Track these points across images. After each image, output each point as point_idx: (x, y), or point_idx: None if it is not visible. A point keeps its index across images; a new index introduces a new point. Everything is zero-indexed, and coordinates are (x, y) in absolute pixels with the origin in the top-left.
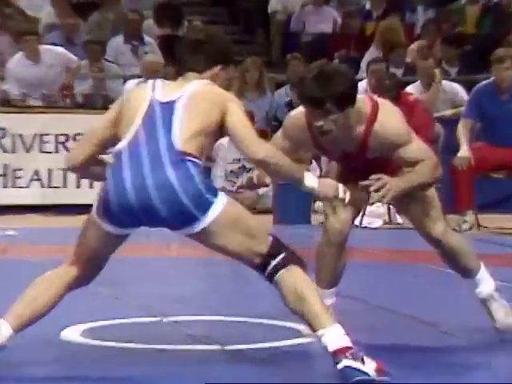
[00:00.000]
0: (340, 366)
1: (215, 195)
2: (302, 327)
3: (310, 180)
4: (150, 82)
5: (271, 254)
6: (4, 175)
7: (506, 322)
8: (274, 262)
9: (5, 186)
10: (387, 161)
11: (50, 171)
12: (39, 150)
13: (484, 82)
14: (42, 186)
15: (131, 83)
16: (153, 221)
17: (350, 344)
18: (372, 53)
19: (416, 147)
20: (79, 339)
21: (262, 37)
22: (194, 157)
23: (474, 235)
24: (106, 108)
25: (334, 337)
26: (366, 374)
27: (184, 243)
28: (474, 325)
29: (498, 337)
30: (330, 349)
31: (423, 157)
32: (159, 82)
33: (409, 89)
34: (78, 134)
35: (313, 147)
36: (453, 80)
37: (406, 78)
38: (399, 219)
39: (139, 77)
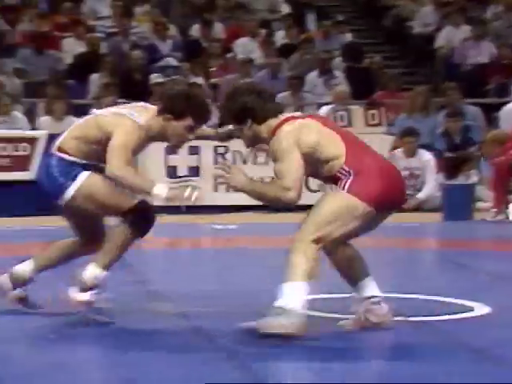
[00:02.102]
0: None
1: (72, 180)
2: (472, 304)
3: (159, 190)
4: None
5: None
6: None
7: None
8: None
9: (227, 190)
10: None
11: (261, 179)
12: (252, 163)
13: None
14: None
15: (324, 109)
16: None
17: (91, 283)
18: None
19: (283, 166)
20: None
21: (428, 68)
22: (65, 153)
23: None
24: None
25: (90, 273)
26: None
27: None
28: None
29: None
30: (85, 283)
31: (283, 176)
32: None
33: None
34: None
35: None
36: None
37: None
38: None
39: (329, 103)
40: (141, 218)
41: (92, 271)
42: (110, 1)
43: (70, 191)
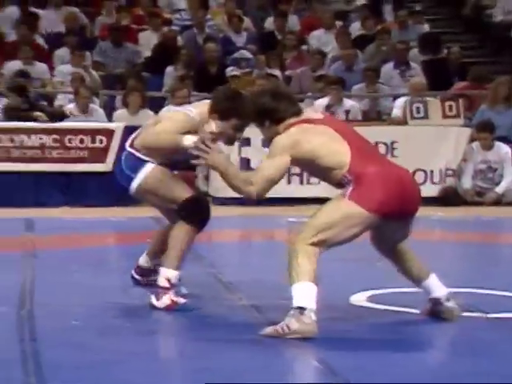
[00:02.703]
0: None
1: (136, 173)
2: None
3: (187, 140)
4: None
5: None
6: (300, 175)
7: None
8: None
9: (301, 183)
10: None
11: None
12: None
13: None
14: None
15: (400, 101)
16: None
17: (167, 285)
18: None
19: (265, 163)
20: (365, 303)
21: (507, 57)
22: (135, 149)
23: None
24: (379, 120)
25: (162, 277)
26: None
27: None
28: None
29: None
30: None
31: (258, 171)
32: None
33: None
34: None
35: None
36: None
37: None
38: None
39: (405, 95)
40: (194, 211)
41: (163, 274)
42: None
43: (134, 184)
